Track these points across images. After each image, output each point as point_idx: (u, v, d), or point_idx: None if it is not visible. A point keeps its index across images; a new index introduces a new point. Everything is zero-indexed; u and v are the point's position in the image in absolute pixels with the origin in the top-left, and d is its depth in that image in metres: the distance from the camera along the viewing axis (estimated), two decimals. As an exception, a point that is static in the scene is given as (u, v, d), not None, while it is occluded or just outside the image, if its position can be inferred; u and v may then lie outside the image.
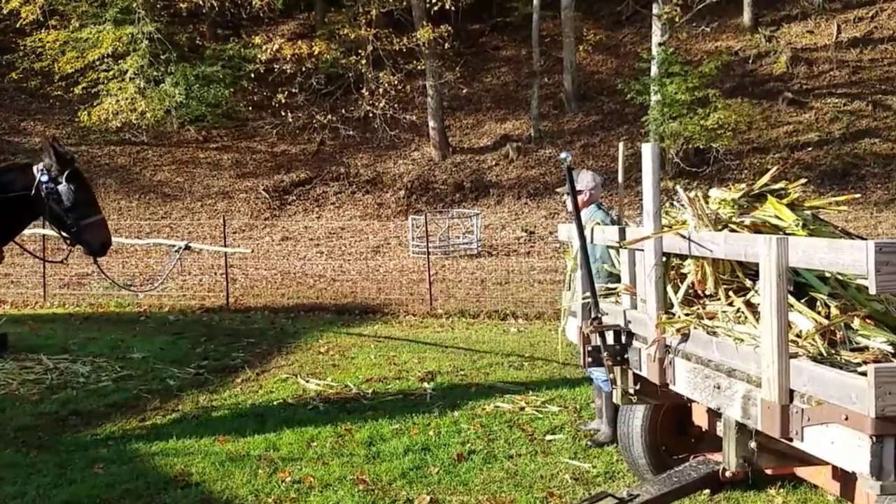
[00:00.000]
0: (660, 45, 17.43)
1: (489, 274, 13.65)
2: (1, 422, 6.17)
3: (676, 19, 17.52)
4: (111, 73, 19.13)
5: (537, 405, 6.36)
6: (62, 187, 5.72)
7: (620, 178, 4.73)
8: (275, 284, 13.37)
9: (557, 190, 6.42)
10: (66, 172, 5.74)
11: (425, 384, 7.11)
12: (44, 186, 5.70)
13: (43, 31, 19.55)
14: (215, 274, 13.12)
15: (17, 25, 19.80)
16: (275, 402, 6.60)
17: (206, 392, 7.04)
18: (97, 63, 19.16)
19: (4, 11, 19.74)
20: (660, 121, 16.77)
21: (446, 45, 19.37)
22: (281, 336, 9.68)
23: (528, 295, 11.99)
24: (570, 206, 5.39)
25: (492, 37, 25.47)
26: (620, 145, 4.45)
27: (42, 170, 5.74)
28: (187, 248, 8.18)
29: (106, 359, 8.29)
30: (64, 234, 5.97)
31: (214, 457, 5.27)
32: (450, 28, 19.11)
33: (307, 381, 7.23)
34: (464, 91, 21.69)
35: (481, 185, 19.05)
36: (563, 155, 4.14)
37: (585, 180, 5.46)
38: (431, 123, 20.10)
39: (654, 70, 17.47)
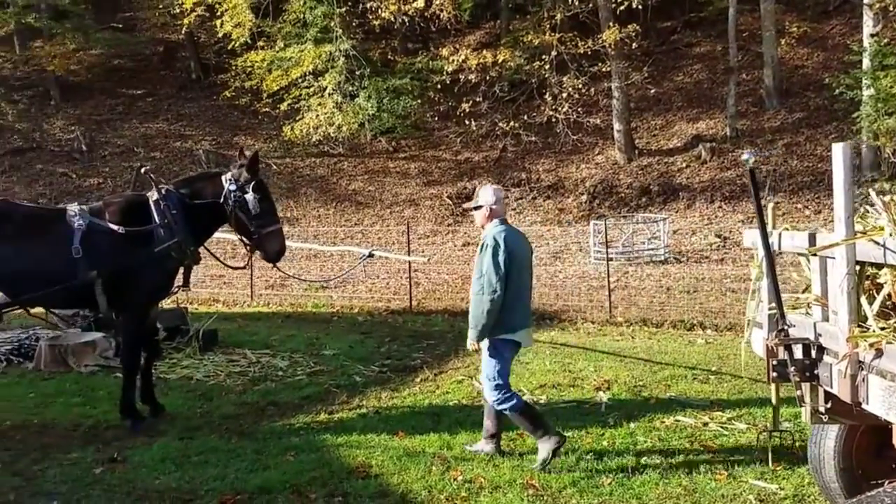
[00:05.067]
0: (872, 35, 15.89)
1: (676, 282, 13.10)
2: (209, 410, 6.81)
3: (891, 7, 15.89)
4: (312, 89, 20.49)
5: (722, 421, 6.04)
6: (249, 196, 6.20)
7: None
8: (455, 289, 13.66)
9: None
10: (252, 183, 6.22)
11: (601, 393, 6.97)
12: (232, 195, 6.19)
13: (252, 52, 21.35)
14: (401, 278, 13.66)
15: (230, 47, 21.80)
16: (450, 403, 6.76)
17: (387, 389, 7.36)
18: (299, 80, 20.61)
19: (219, 35, 21.81)
20: (874, 117, 15.28)
21: (633, 45, 18.84)
22: (459, 339, 9.80)
23: (719, 305, 11.35)
24: (478, 220, 5.51)
25: (684, 34, 24.47)
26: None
27: (230, 179, 6.25)
28: (370, 255, 8.62)
29: (302, 355, 8.91)
30: (245, 240, 6.44)
31: (392, 451, 5.51)
32: (637, 27, 18.57)
33: (482, 384, 7.32)
34: (652, 91, 20.99)
35: (670, 189, 18.31)
36: (745, 156, 3.89)
37: (486, 196, 5.38)
38: (616, 126, 19.63)
39: (865, 63, 15.96)
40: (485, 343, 5.34)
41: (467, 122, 20.59)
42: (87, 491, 4.90)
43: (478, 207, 5.45)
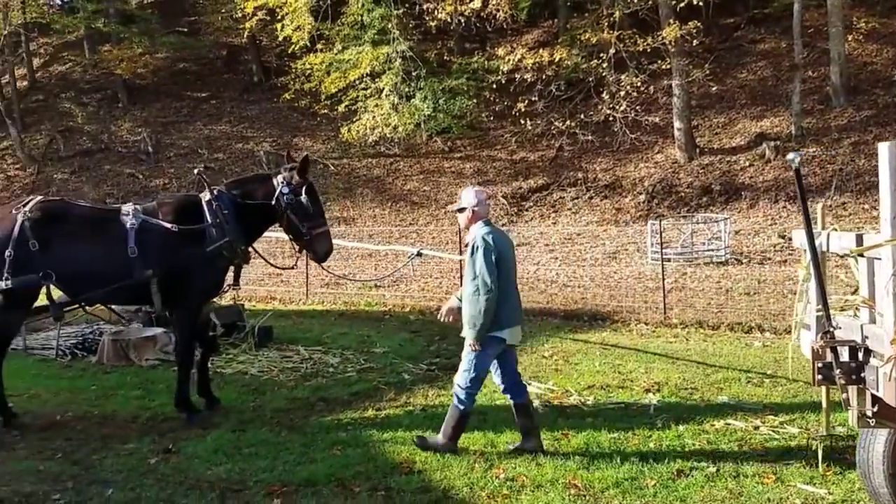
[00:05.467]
0: (946, 27, 15.24)
1: (736, 283, 12.81)
2: (261, 404, 6.98)
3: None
4: (369, 91, 20.73)
5: (774, 425, 5.91)
6: (302, 199, 6.40)
7: None
8: (508, 288, 13.63)
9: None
10: (304, 186, 6.41)
11: (650, 395, 6.88)
12: (284, 197, 6.39)
13: (311, 54, 21.69)
14: (453, 277, 13.70)
15: (290, 50, 22.20)
16: (496, 402, 6.74)
17: (435, 387, 7.43)
18: (357, 82, 20.88)
19: (280, 38, 22.23)
20: (945, 113, 14.65)
21: (695, 42, 18.44)
22: (509, 338, 9.87)
23: (780, 307, 11.03)
24: (462, 222, 5.65)
25: (748, 30, 23.90)
26: None
27: (282, 182, 6.42)
28: (419, 254, 8.74)
29: (353, 352, 9.05)
30: (295, 240, 6.64)
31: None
32: (698, 24, 18.20)
33: (528, 384, 7.27)
34: (713, 88, 20.54)
35: (732, 188, 17.89)
36: (790, 156, 3.79)
37: (468, 198, 5.53)
38: (677, 124, 19.26)
39: (938, 56, 15.32)
40: (469, 335, 5.43)
41: (523, 122, 20.48)
42: (142, 480, 5.09)
43: (462, 210, 5.57)
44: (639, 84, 18.62)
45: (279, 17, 21.69)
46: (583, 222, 17.62)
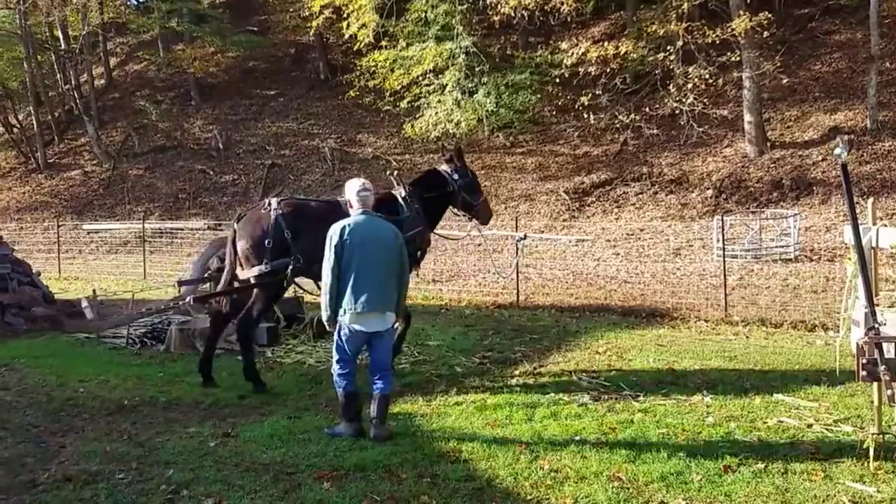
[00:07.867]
0: None
1: (804, 281, 12.45)
2: (317, 392, 7.19)
3: None
4: (432, 87, 20.85)
5: (828, 423, 5.79)
6: (468, 181, 7.87)
7: None
8: (565, 284, 13.55)
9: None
10: (468, 171, 7.92)
11: (703, 392, 6.80)
12: (457, 182, 7.80)
13: (376, 51, 21.95)
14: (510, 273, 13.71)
15: (356, 48, 22.51)
16: (546, 395, 6.79)
17: (486, 380, 7.50)
18: (420, 78, 21.02)
19: (345, 36, 22.58)
20: None
21: (766, 34, 17.92)
22: (562, 334, 9.85)
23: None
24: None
25: (822, 21, 23.11)
26: None
27: (451, 171, 7.84)
28: (524, 237, 10.15)
29: (407, 344, 9.10)
30: (467, 212, 8.06)
31: (483, 439, 5.64)
32: (770, 15, 17.69)
33: (580, 379, 7.33)
34: (785, 81, 19.91)
35: (804, 183, 17.36)
36: (837, 150, 3.71)
37: (346, 191, 5.95)
38: (747, 117, 18.77)
39: None
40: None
41: (586, 116, 20.30)
42: (201, 462, 5.32)
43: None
44: (707, 77, 18.22)
45: (345, 15, 22.03)
46: (647, 218, 17.37)
